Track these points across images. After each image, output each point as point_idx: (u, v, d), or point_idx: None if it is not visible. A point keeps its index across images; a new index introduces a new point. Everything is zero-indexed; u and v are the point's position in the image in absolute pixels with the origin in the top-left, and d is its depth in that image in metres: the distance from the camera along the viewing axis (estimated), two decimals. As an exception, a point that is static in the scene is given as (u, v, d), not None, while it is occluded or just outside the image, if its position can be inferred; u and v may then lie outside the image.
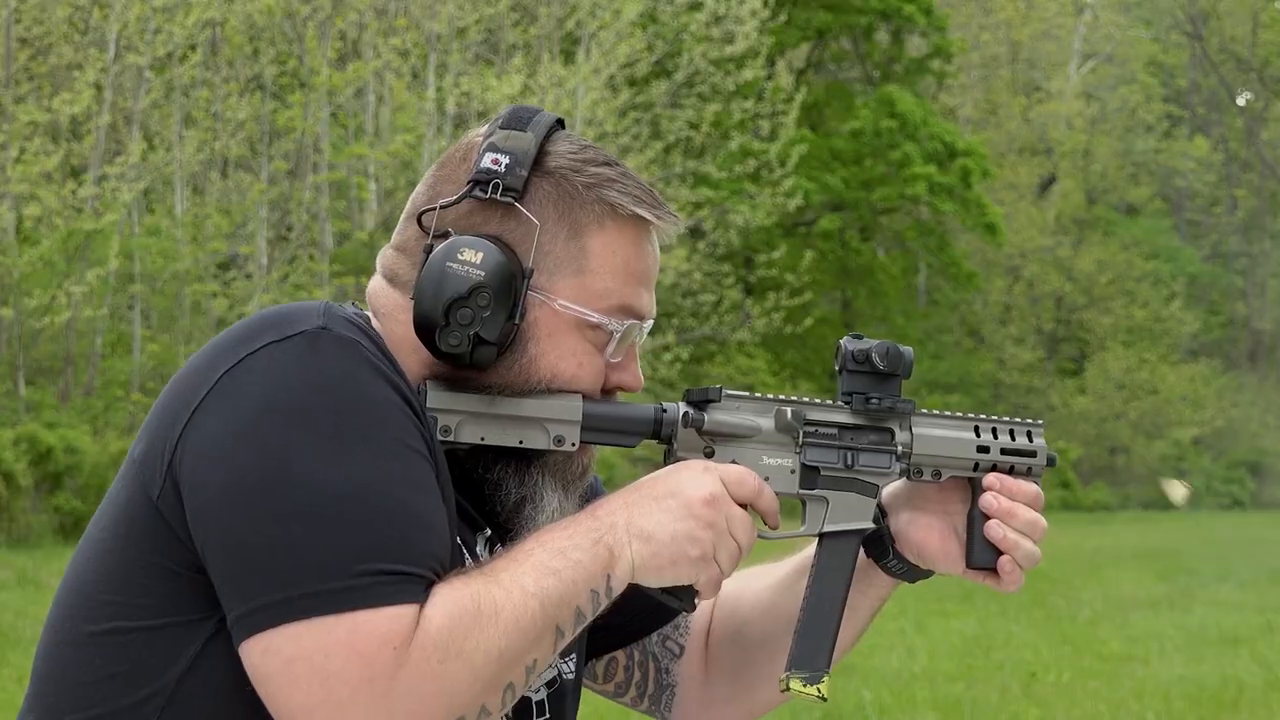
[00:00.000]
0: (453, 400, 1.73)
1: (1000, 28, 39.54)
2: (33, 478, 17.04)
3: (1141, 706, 8.19)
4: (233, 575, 1.58)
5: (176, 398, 1.65)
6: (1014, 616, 12.16)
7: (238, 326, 1.67)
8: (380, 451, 1.60)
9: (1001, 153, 37.60)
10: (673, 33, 26.42)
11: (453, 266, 1.70)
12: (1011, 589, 1.87)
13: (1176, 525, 27.89)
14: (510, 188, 1.73)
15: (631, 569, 1.67)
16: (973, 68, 38.73)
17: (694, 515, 1.68)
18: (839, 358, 1.84)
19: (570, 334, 1.76)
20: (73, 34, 21.46)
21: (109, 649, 1.66)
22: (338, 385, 1.60)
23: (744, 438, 1.80)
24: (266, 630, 1.55)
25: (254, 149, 22.58)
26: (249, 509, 1.57)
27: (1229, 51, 44.28)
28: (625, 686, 2.06)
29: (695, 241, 27.21)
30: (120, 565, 1.66)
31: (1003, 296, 37.51)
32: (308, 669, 1.53)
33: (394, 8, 23.28)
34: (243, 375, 1.61)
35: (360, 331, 1.67)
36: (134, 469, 1.66)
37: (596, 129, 23.72)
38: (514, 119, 1.78)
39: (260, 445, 1.58)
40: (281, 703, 1.56)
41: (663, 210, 1.79)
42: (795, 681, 1.82)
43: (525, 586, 1.60)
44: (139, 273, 20.68)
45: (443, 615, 1.56)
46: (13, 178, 18.73)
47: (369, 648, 1.53)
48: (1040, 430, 1.90)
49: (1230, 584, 14.96)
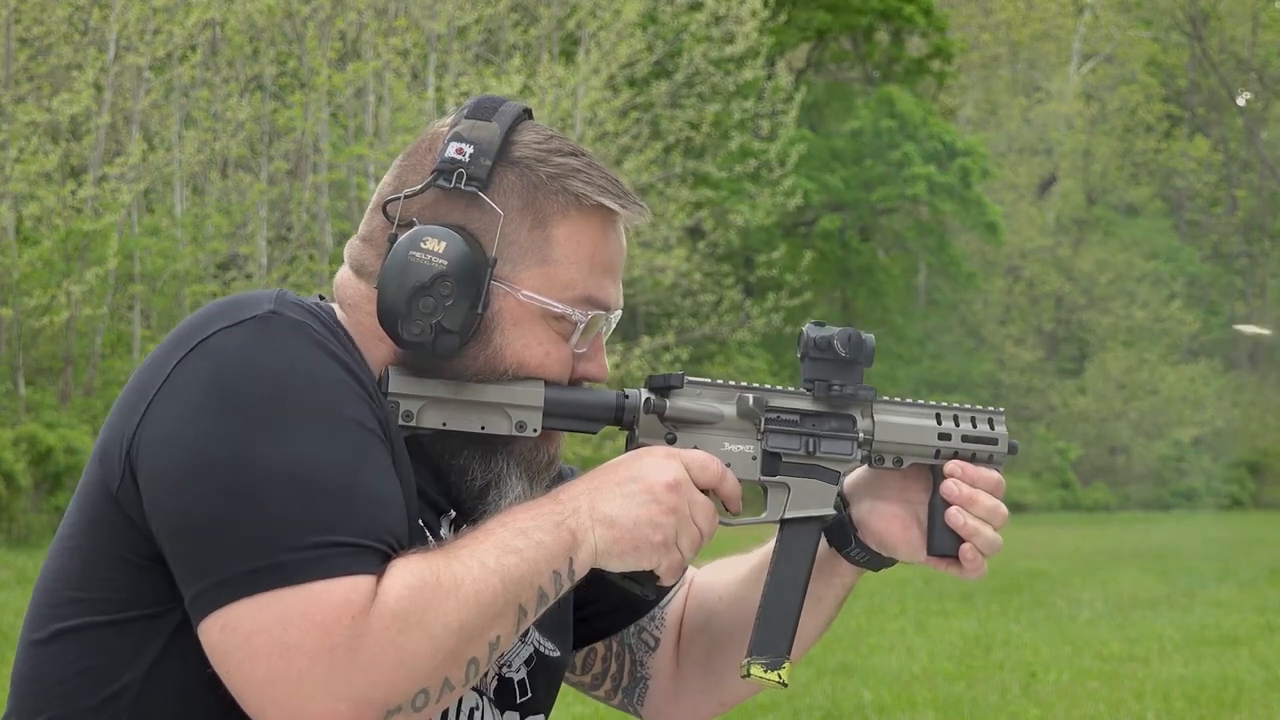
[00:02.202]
0: (414, 385, 1.73)
1: (1000, 28, 39.54)
2: (33, 478, 17.04)
3: (1141, 706, 8.19)
4: (188, 556, 1.58)
5: (134, 391, 1.65)
6: (1014, 616, 12.16)
7: (192, 316, 1.68)
8: (331, 429, 1.60)
9: (1001, 153, 37.58)
10: (673, 33, 26.42)
11: (416, 255, 1.70)
12: (973, 576, 1.86)
13: (1176, 525, 27.88)
14: (474, 177, 1.73)
15: (594, 553, 1.67)
16: (973, 68, 38.73)
17: (657, 500, 1.69)
18: (801, 345, 1.84)
19: (535, 324, 1.76)
20: (72, 34, 21.45)
21: (78, 646, 1.66)
22: (288, 366, 1.61)
23: (706, 424, 1.80)
24: (224, 606, 1.55)
25: (254, 149, 22.58)
26: (202, 490, 1.57)
27: (1229, 51, 44.27)
28: (601, 678, 2.06)
29: (695, 241, 27.21)
30: (86, 561, 1.67)
31: (1003, 296, 37.50)
32: (266, 641, 1.53)
33: (394, 8, 23.27)
34: (194, 362, 1.62)
35: (312, 315, 1.67)
36: (95, 465, 1.67)
37: (596, 129, 23.72)
38: (479, 109, 1.78)
39: (211, 428, 1.58)
40: (242, 677, 1.55)
41: (628, 200, 1.79)
42: (756, 668, 1.81)
43: (486, 562, 1.60)
44: (139, 273, 20.67)
45: (401, 585, 1.55)
46: (13, 177, 18.73)
47: (327, 618, 1.52)
48: (1002, 418, 1.90)
49: (1230, 584, 14.96)
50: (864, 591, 12.87)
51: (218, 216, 21.26)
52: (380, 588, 1.55)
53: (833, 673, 9.04)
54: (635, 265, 24.58)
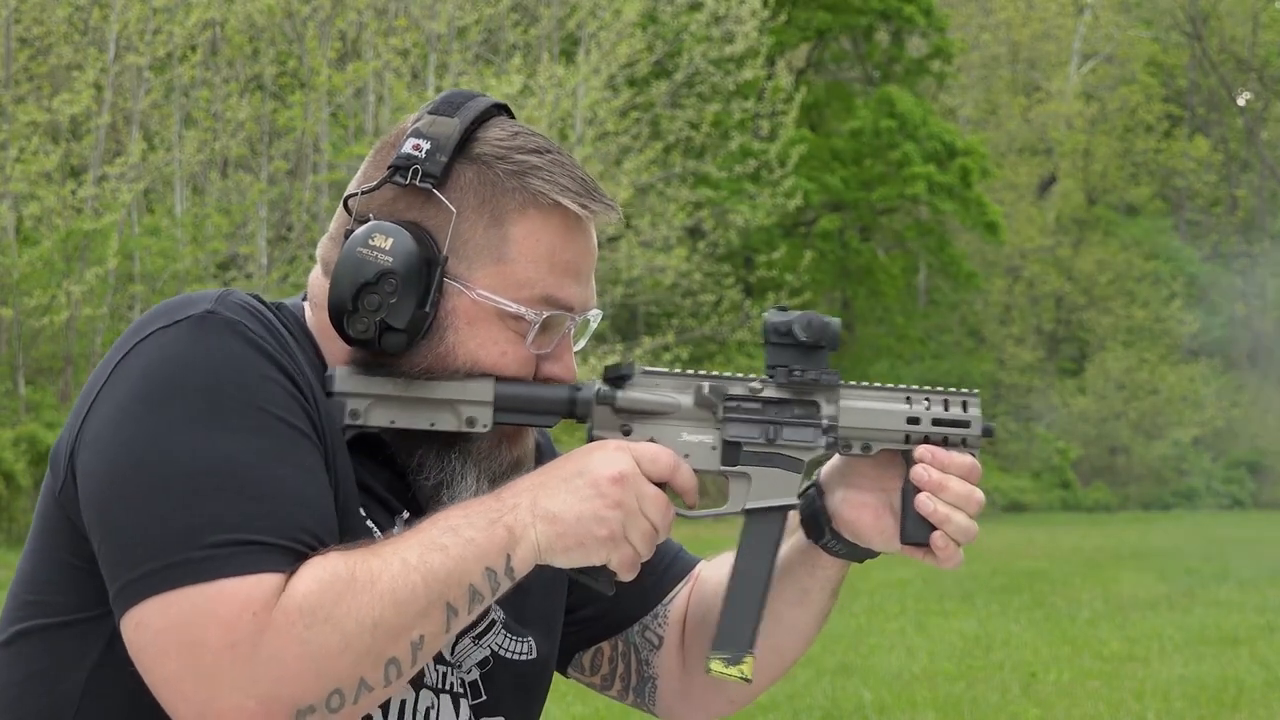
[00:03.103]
0: (361, 384, 1.72)
1: (1000, 28, 39.53)
2: (33, 478, 17.04)
3: (1141, 706, 8.19)
4: (109, 556, 1.58)
5: (83, 394, 1.66)
6: (1014, 616, 12.16)
7: (139, 319, 1.68)
8: (253, 427, 1.59)
9: (1001, 153, 37.58)
10: (673, 33, 26.42)
11: (363, 252, 1.69)
12: (949, 565, 1.81)
13: (1176, 525, 27.87)
14: (429, 174, 1.72)
15: (537, 550, 1.64)
16: (973, 68, 38.71)
17: (601, 494, 1.66)
18: (764, 331, 1.80)
19: (491, 323, 1.74)
20: (73, 34, 21.45)
21: (29, 648, 1.67)
22: (215, 364, 1.60)
23: (662, 415, 1.77)
24: (137, 604, 1.55)
25: (254, 149, 22.58)
26: (120, 489, 1.57)
27: (1229, 51, 44.26)
28: (611, 679, 2.04)
29: (695, 241, 27.21)
30: (37, 565, 1.68)
31: (1003, 296, 37.49)
32: (173, 638, 1.53)
33: (394, 8, 23.27)
34: (131, 362, 1.62)
35: (251, 314, 1.66)
36: (49, 470, 1.68)
37: (597, 129, 23.72)
38: (445, 104, 1.77)
39: (134, 427, 1.58)
40: (155, 674, 1.55)
41: (589, 199, 1.75)
42: (716, 663, 1.77)
43: (407, 559, 1.58)
44: (139, 273, 20.68)
45: (310, 581, 1.54)
46: (13, 177, 18.73)
47: (229, 613, 1.52)
48: (976, 400, 1.82)
49: (1230, 584, 14.96)
50: (864, 591, 12.86)
51: (218, 216, 21.25)
52: (289, 584, 1.54)
53: (833, 673, 9.04)
54: (635, 265, 24.59)
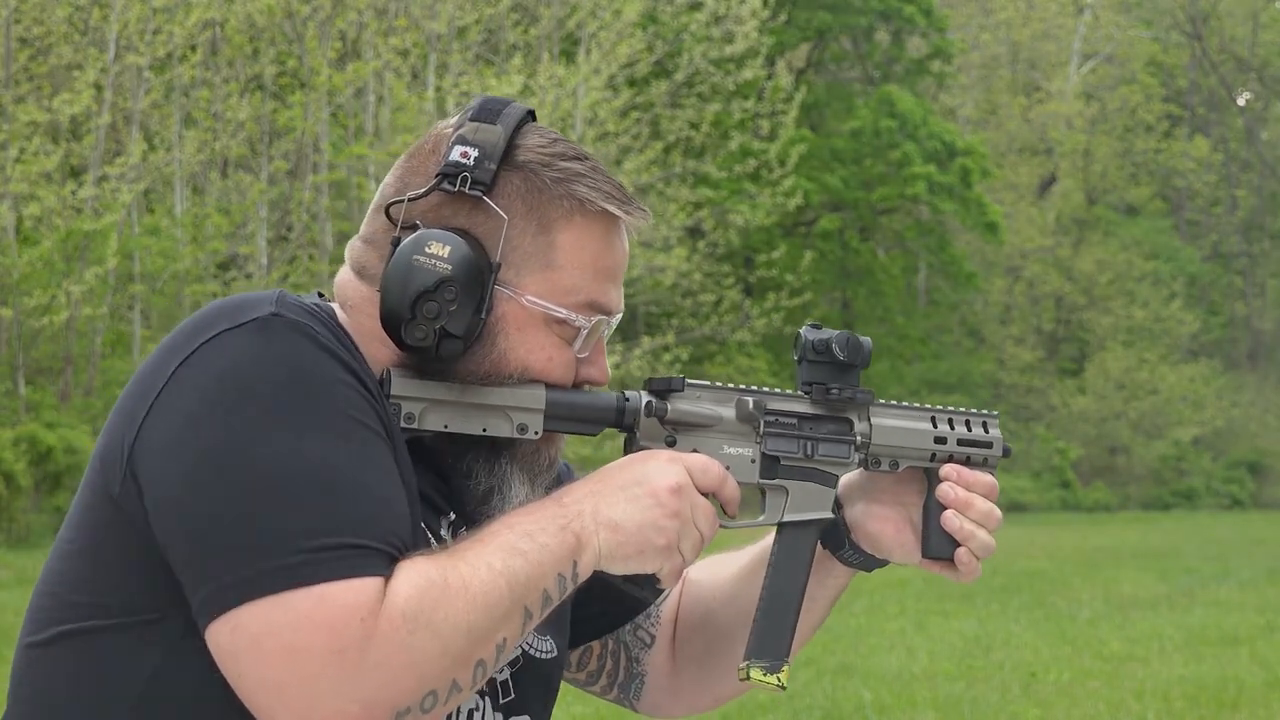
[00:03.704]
0: (417, 388, 1.72)
1: (1000, 28, 39.54)
2: (33, 478, 17.05)
3: (1141, 706, 8.19)
4: (194, 560, 1.57)
5: (135, 393, 1.64)
6: (1014, 616, 12.16)
7: (193, 317, 1.67)
8: (334, 429, 1.59)
9: (1001, 153, 37.59)
10: (673, 33, 26.42)
11: (420, 259, 1.69)
12: (968, 579, 1.88)
13: (1176, 525, 27.87)
14: (479, 181, 1.72)
15: (598, 557, 1.67)
16: (973, 68, 38.72)
17: (660, 504, 1.69)
18: (798, 348, 1.84)
19: (539, 328, 1.75)
20: (73, 34, 21.45)
21: (78, 649, 1.65)
22: (290, 367, 1.60)
23: (705, 427, 1.80)
24: (232, 609, 1.54)
25: (254, 149, 22.59)
26: (205, 492, 1.56)
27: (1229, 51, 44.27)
28: (597, 675, 2.06)
29: (695, 241, 27.22)
30: (87, 565, 1.66)
31: (1003, 296, 37.51)
32: (276, 644, 1.52)
33: (394, 8, 23.27)
34: (197, 364, 1.61)
35: (313, 316, 1.67)
36: (96, 468, 1.66)
37: (597, 129, 23.72)
38: (484, 111, 1.77)
39: (214, 430, 1.57)
40: (252, 680, 1.54)
41: (631, 206, 1.78)
42: (755, 671, 1.82)
43: (493, 565, 1.59)
44: (139, 273, 20.69)
45: (410, 587, 1.55)
46: (13, 177, 18.73)
47: (336, 619, 1.51)
48: (996, 421, 1.91)
49: (1230, 584, 14.96)
50: (864, 591, 12.86)
51: (218, 216, 21.26)
52: (389, 589, 1.54)
53: (833, 673, 9.04)
54: (635, 265, 24.59)
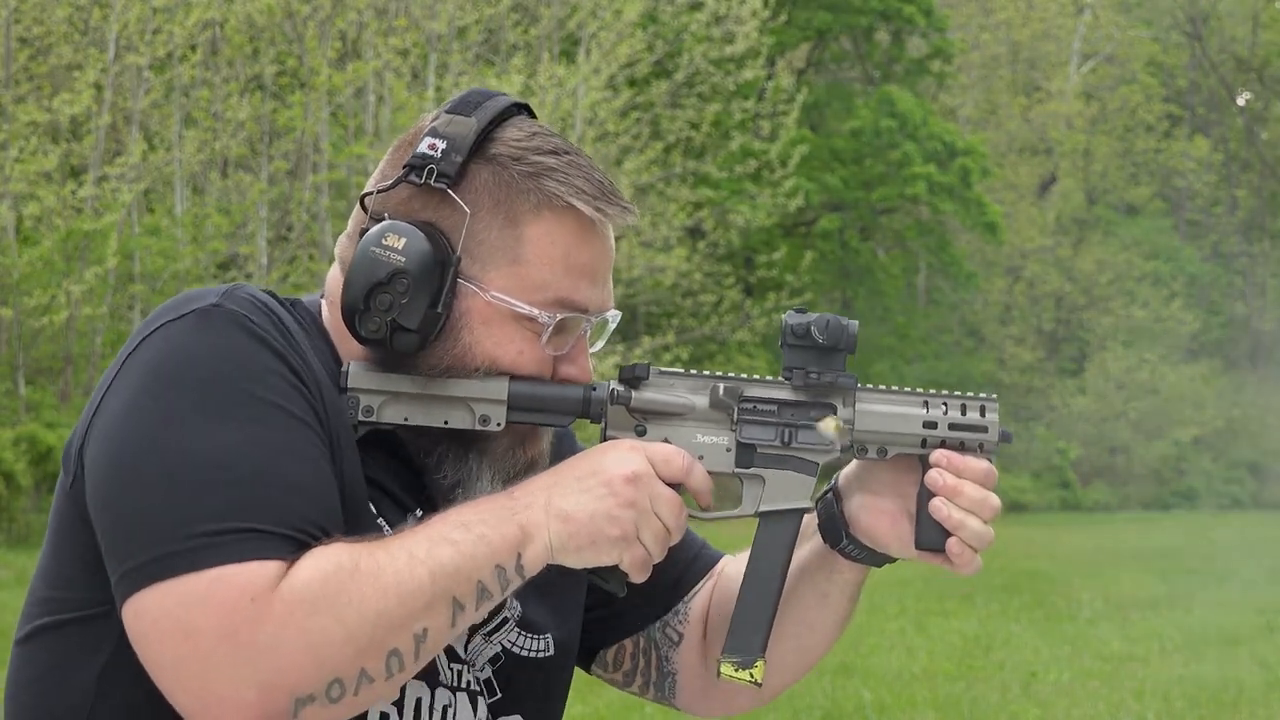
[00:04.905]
0: (375, 380, 1.72)
1: (1000, 28, 39.53)
2: (33, 478, 17.04)
3: (1141, 706, 8.19)
4: (111, 546, 1.59)
5: (96, 389, 1.67)
6: (1014, 616, 12.16)
7: (152, 313, 1.69)
8: (254, 418, 1.59)
9: (1001, 153, 37.58)
10: (673, 33, 26.42)
11: (375, 251, 1.69)
12: (965, 571, 1.80)
13: (1176, 525, 27.87)
14: (444, 174, 1.71)
15: (549, 548, 1.64)
16: (973, 68, 38.71)
17: (614, 494, 1.66)
18: (781, 333, 1.79)
19: (506, 323, 1.74)
20: (73, 34, 21.45)
21: (47, 645, 1.68)
22: (218, 356, 1.61)
23: (676, 415, 1.76)
24: (136, 593, 1.55)
25: (254, 149, 22.59)
26: (121, 480, 1.58)
27: (1229, 51, 44.26)
28: (632, 675, 2.04)
29: (695, 241, 27.22)
30: (52, 561, 1.69)
31: (1003, 296, 37.50)
32: (172, 624, 1.53)
33: (394, 8, 23.27)
34: (138, 356, 1.63)
35: (257, 308, 1.67)
36: (62, 467, 1.69)
37: (597, 129, 23.72)
38: (463, 103, 1.76)
39: (136, 420, 1.59)
40: (153, 661, 1.56)
41: (605, 202, 1.75)
42: (727, 666, 1.77)
43: (415, 553, 1.58)
44: (139, 273, 20.69)
45: (312, 569, 1.54)
46: (13, 177, 18.73)
47: (228, 599, 1.52)
48: (994, 405, 1.82)
49: (1230, 584, 14.96)
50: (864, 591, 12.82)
51: (218, 216, 21.26)
52: (291, 571, 1.54)
53: (833, 673, 9.04)
54: (635, 265, 24.59)
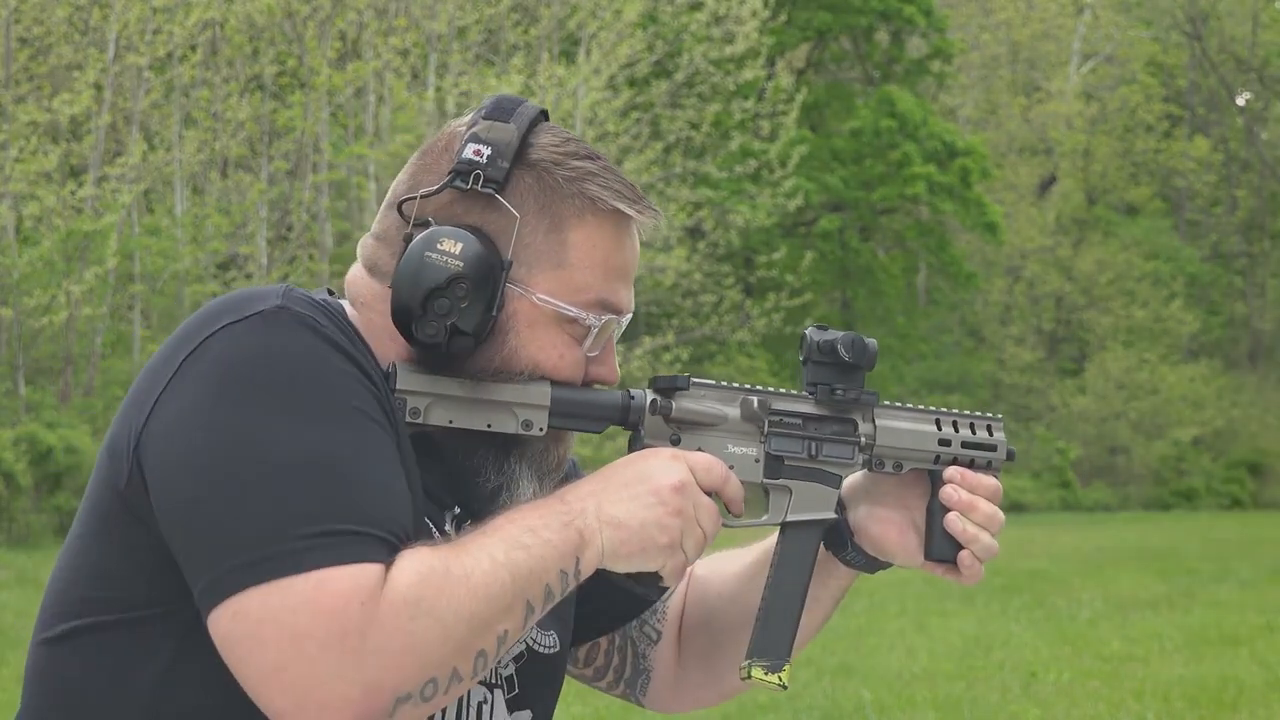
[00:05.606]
0: (423, 382, 1.73)
1: (1000, 28, 39.53)
2: (33, 478, 17.05)
3: (1141, 706, 8.19)
4: (195, 548, 1.58)
5: (142, 386, 1.66)
6: (1014, 616, 12.16)
7: (200, 312, 1.68)
8: (336, 420, 1.60)
9: (1001, 153, 37.58)
10: (673, 33, 26.42)
11: (431, 256, 1.70)
12: (971, 582, 1.89)
13: (1176, 525, 27.87)
14: (491, 179, 1.73)
15: (601, 554, 1.68)
16: (973, 68, 38.71)
17: (663, 503, 1.70)
18: (804, 348, 1.85)
19: (550, 327, 1.76)
20: (73, 34, 21.46)
21: (90, 645, 1.66)
22: (293, 358, 1.61)
23: (710, 426, 1.81)
24: (233, 595, 1.54)
25: (254, 149, 22.59)
26: (208, 481, 1.57)
27: (1229, 51, 44.25)
28: (604, 671, 2.07)
29: (695, 241, 27.22)
30: (96, 561, 1.67)
31: (1003, 296, 37.49)
32: (276, 629, 1.52)
33: (394, 8, 23.28)
34: (202, 356, 1.62)
35: (318, 309, 1.67)
36: (104, 462, 1.67)
37: (597, 129, 23.72)
38: (497, 109, 1.78)
39: (217, 420, 1.58)
40: (252, 665, 1.55)
41: (642, 205, 1.79)
42: (756, 670, 1.83)
43: (495, 556, 1.60)
44: (139, 273, 20.70)
45: (411, 573, 1.56)
46: (13, 177, 18.73)
47: (336, 603, 1.52)
48: (1000, 425, 1.92)
49: (1230, 584, 14.95)
50: (864, 591, 12.86)
51: (218, 216, 21.26)
52: (390, 574, 1.55)
53: (833, 673, 9.04)
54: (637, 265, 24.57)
